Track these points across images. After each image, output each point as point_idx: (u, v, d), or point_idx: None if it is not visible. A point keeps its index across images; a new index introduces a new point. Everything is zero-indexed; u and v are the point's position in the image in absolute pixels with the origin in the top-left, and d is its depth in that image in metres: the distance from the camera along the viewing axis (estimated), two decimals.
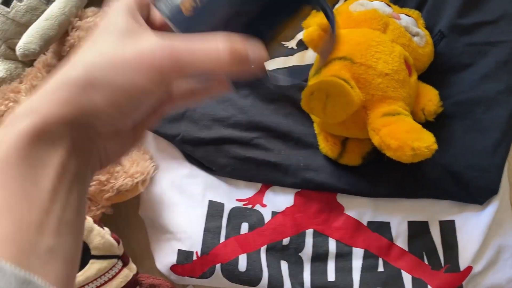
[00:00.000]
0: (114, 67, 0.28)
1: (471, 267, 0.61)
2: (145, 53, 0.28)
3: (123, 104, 0.28)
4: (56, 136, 0.27)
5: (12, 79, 0.66)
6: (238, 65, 0.29)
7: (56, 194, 0.26)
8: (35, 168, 0.26)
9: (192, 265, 0.63)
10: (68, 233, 0.27)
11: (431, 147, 0.53)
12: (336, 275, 0.63)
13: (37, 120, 0.26)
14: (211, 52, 0.28)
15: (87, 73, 0.27)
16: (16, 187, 0.25)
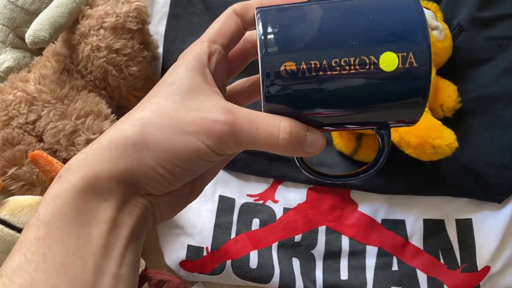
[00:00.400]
0: (171, 129, 0.28)
1: (489, 266, 0.59)
2: (207, 120, 0.28)
3: (174, 166, 0.28)
4: (107, 192, 0.28)
5: (20, 68, 0.65)
6: (293, 152, 0.30)
7: (109, 250, 0.27)
8: (89, 224, 0.27)
9: (202, 261, 0.62)
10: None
11: (452, 145, 0.51)
12: (349, 273, 0.62)
13: (89, 174, 0.27)
14: (271, 136, 0.29)
15: (143, 131, 0.28)
16: (71, 245, 0.26)
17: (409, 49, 0.28)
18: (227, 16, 0.33)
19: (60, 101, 0.59)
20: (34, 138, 0.60)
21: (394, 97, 0.29)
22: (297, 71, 0.28)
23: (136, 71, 0.62)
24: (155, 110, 0.28)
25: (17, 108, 0.60)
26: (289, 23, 0.29)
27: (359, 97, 0.29)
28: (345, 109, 0.30)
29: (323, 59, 0.28)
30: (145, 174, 0.28)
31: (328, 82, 0.28)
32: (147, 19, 0.63)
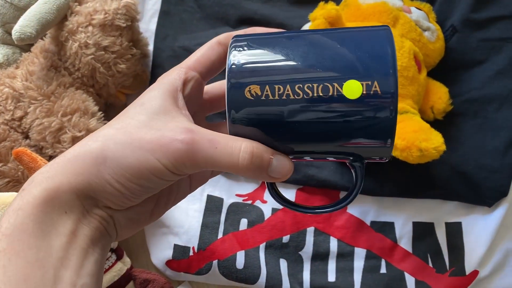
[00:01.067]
0: (130, 145, 0.28)
1: (477, 271, 0.59)
2: (165, 138, 0.28)
3: (131, 183, 0.29)
4: (67, 204, 0.28)
5: (9, 64, 0.65)
6: (257, 174, 0.30)
7: (68, 261, 0.28)
8: (49, 237, 0.27)
9: (188, 260, 0.62)
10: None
11: (439, 148, 0.51)
12: (337, 275, 0.61)
13: (50, 187, 0.28)
14: (231, 156, 0.29)
15: (103, 147, 0.29)
16: (32, 257, 0.26)
17: (374, 78, 0.28)
18: (209, 46, 0.34)
19: (46, 98, 0.59)
20: (20, 134, 0.60)
21: (358, 128, 0.29)
22: (261, 94, 0.29)
23: (124, 68, 0.62)
24: (119, 128, 0.29)
25: (4, 104, 0.59)
26: (259, 50, 0.30)
27: (323, 125, 0.29)
28: (310, 137, 0.30)
29: (287, 84, 0.29)
30: (102, 188, 0.29)
31: (291, 106, 0.29)
32: (136, 17, 0.63)
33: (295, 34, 0.31)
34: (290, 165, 0.30)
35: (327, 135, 0.29)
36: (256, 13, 0.69)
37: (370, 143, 0.29)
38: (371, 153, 0.31)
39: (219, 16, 0.71)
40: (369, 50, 0.29)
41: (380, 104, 0.28)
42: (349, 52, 0.29)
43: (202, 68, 0.34)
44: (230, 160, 0.29)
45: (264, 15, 0.69)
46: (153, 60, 0.70)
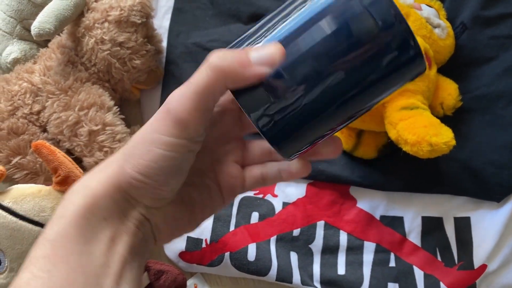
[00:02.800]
0: (142, 139, 0.30)
1: (486, 265, 0.59)
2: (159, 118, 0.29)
3: (150, 169, 0.29)
4: (105, 210, 0.29)
5: (27, 60, 0.66)
6: (239, 74, 0.28)
7: (108, 268, 0.28)
8: (89, 243, 0.28)
9: (201, 252, 0.63)
10: None
11: (449, 143, 0.51)
12: (346, 268, 0.62)
13: (88, 195, 0.29)
14: (199, 78, 0.28)
15: (123, 150, 0.30)
16: (74, 262, 0.28)
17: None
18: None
19: (64, 93, 0.60)
20: (38, 128, 0.61)
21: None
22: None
23: (139, 64, 0.63)
24: (141, 131, 0.31)
25: (22, 98, 0.61)
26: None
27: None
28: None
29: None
30: (129, 184, 0.30)
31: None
32: (151, 13, 0.64)
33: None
34: (276, 44, 0.27)
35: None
36: (269, 10, 0.70)
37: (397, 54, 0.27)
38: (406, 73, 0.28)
39: (231, 13, 0.72)
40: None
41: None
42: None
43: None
44: (205, 75, 0.28)
45: None
46: (166, 57, 0.71)
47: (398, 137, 0.53)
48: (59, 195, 0.54)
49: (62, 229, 0.28)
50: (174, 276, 0.60)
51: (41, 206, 0.52)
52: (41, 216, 0.52)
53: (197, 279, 0.65)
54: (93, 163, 0.60)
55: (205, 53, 0.67)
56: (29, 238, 0.52)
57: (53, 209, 0.52)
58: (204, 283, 0.65)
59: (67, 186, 0.53)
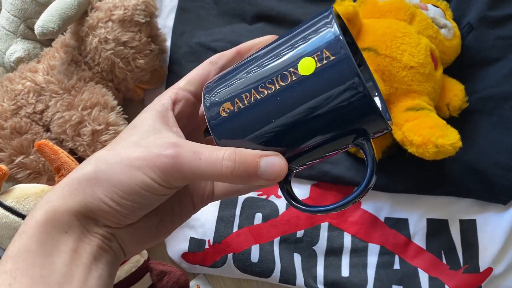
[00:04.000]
0: (119, 164, 0.30)
1: (492, 268, 0.59)
2: (151, 154, 0.30)
3: (123, 200, 0.30)
4: (66, 225, 0.30)
5: (30, 59, 0.66)
6: (246, 179, 0.30)
7: (72, 276, 0.29)
8: (51, 255, 0.29)
9: (204, 253, 0.63)
10: None
11: (456, 144, 0.51)
12: (350, 270, 0.62)
13: (49, 210, 0.30)
14: (214, 165, 0.30)
15: (95, 169, 0.30)
16: (35, 274, 0.28)
17: (320, 47, 0.28)
18: (201, 66, 0.36)
19: (67, 92, 0.60)
20: (42, 127, 0.61)
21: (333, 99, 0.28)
22: (233, 108, 0.31)
23: (143, 63, 0.63)
24: (110, 149, 0.31)
25: (26, 97, 0.61)
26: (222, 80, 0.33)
27: (299, 112, 0.29)
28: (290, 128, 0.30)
29: (251, 88, 0.30)
30: (98, 207, 0.30)
31: (261, 106, 0.30)
32: (155, 12, 0.63)
33: (253, 52, 0.33)
34: (281, 163, 0.30)
35: (307, 121, 0.29)
36: (273, 10, 0.70)
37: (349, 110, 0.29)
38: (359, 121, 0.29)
39: (235, 13, 0.72)
40: (309, 28, 0.30)
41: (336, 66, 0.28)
42: (294, 39, 0.30)
43: (193, 87, 0.35)
44: (215, 169, 0.29)
45: (280, 11, 0.69)
46: (170, 56, 0.71)
47: (403, 139, 0.53)
48: None
49: (23, 245, 0.29)
50: (176, 277, 0.60)
51: None
52: None
53: (200, 280, 0.64)
54: None
55: (209, 52, 0.68)
56: None
57: None
58: (207, 284, 0.64)
59: None
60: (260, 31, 0.69)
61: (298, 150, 0.31)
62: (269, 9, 0.70)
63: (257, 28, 0.70)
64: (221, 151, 0.30)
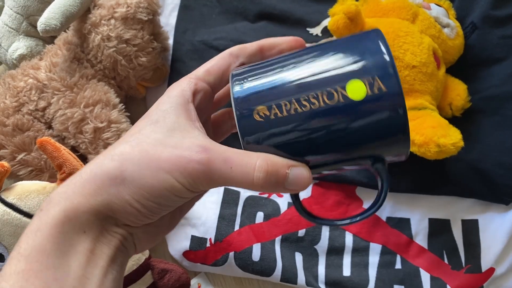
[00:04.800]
0: (147, 165, 0.28)
1: (494, 268, 0.59)
2: (182, 158, 0.28)
3: (150, 202, 0.29)
4: (85, 225, 0.29)
5: (33, 56, 0.66)
6: (273, 189, 0.29)
7: (87, 279, 0.28)
8: (67, 256, 0.28)
9: (205, 252, 0.62)
10: None
11: (458, 144, 0.51)
12: (352, 270, 0.61)
13: (69, 208, 0.28)
14: (246, 175, 0.29)
15: (121, 167, 0.29)
16: (49, 276, 0.27)
17: (373, 73, 0.28)
18: (221, 57, 0.34)
19: (69, 89, 0.60)
20: (44, 125, 0.61)
21: (371, 128, 0.28)
22: (270, 114, 0.29)
23: (145, 61, 0.63)
24: (135, 146, 0.29)
25: (28, 95, 0.61)
26: (258, 76, 0.31)
27: (335, 132, 0.29)
28: (325, 146, 0.29)
29: (292, 98, 0.29)
30: (122, 208, 0.29)
31: (301, 119, 0.29)
32: (157, 10, 0.63)
33: (291, 54, 0.32)
34: (308, 175, 0.30)
35: (342, 140, 0.29)
36: (275, 8, 0.70)
37: (385, 141, 0.29)
38: (388, 151, 0.30)
39: (238, 11, 0.72)
40: (363, 49, 0.29)
41: (386, 99, 0.28)
42: (345, 56, 0.29)
43: (211, 78, 0.33)
44: (245, 179, 0.29)
45: (283, 10, 0.69)
46: (172, 54, 0.71)
47: None
48: None
49: (38, 244, 0.27)
50: (178, 275, 0.60)
51: None
52: None
53: (201, 278, 0.64)
54: None
55: (211, 51, 0.68)
56: None
57: None
58: (208, 282, 0.64)
59: None
60: (263, 29, 0.69)
61: (321, 163, 0.31)
62: (271, 7, 0.70)
63: (259, 26, 0.70)
64: (253, 160, 0.29)
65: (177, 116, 0.30)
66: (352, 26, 0.55)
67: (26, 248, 0.27)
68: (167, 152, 0.29)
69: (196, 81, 0.33)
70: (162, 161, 0.28)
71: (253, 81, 0.31)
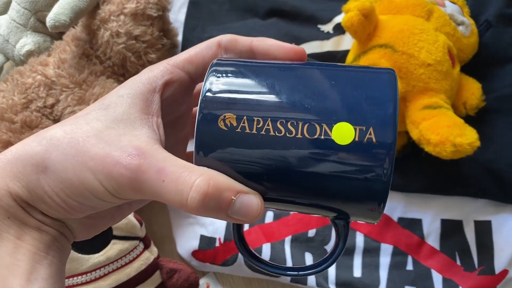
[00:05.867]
0: (72, 158, 0.25)
1: (507, 270, 0.58)
2: (110, 158, 0.25)
3: (69, 199, 0.26)
4: (9, 209, 0.26)
5: (41, 52, 0.65)
6: (210, 214, 0.25)
7: (17, 266, 0.25)
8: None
9: (214, 251, 0.62)
10: None
11: (474, 144, 0.50)
12: (363, 271, 0.61)
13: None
14: (179, 194, 0.25)
15: (45, 154, 0.26)
16: None
17: (369, 124, 0.24)
18: (207, 45, 0.30)
19: (78, 86, 0.59)
20: (52, 122, 0.60)
21: (345, 181, 0.25)
22: (237, 125, 0.25)
23: (154, 58, 0.62)
24: (68, 132, 0.26)
25: (36, 91, 0.60)
26: (241, 77, 0.27)
27: (304, 171, 0.25)
28: (288, 181, 0.26)
29: (268, 118, 0.25)
30: (40, 198, 0.26)
31: (269, 143, 0.25)
32: (167, 6, 0.63)
33: (286, 65, 0.28)
34: (258, 206, 0.25)
35: (308, 183, 0.25)
36: (286, 5, 0.69)
37: (357, 202, 0.25)
38: (357, 214, 0.27)
39: (248, 8, 0.71)
40: (367, 92, 0.25)
41: (373, 156, 0.24)
42: (344, 92, 0.25)
43: (193, 68, 0.29)
44: (177, 198, 0.24)
45: (294, 6, 0.68)
46: (181, 51, 0.70)
47: (420, 137, 0.52)
48: None
49: None
50: (186, 275, 0.60)
51: None
52: None
53: (210, 278, 0.64)
54: None
55: None
56: None
57: None
58: (217, 282, 0.64)
59: None
60: (273, 26, 0.68)
61: (277, 198, 0.27)
62: (282, 3, 0.69)
63: (270, 23, 0.69)
64: (192, 177, 0.24)
65: (130, 105, 0.27)
66: (366, 23, 0.54)
67: None
68: (98, 147, 0.25)
69: (173, 69, 0.29)
70: (88, 157, 0.25)
71: (232, 80, 0.26)
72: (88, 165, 0.25)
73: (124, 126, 0.26)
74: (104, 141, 0.25)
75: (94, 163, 0.25)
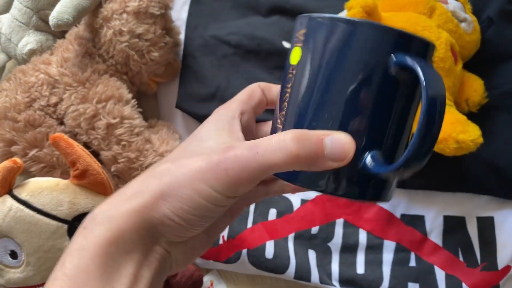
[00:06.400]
0: (184, 177, 0.28)
1: (510, 266, 0.58)
2: (211, 163, 0.28)
3: (189, 214, 0.29)
4: (130, 245, 0.28)
5: (43, 51, 0.66)
6: (310, 161, 0.27)
7: None
8: (111, 279, 0.27)
9: (218, 249, 0.62)
10: None
11: (477, 140, 0.50)
12: (366, 267, 0.61)
13: (113, 227, 0.28)
14: (275, 153, 0.27)
15: (159, 183, 0.29)
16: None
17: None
18: (253, 87, 0.35)
19: (81, 85, 0.59)
20: (55, 120, 0.60)
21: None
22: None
23: (157, 56, 0.62)
24: (174, 161, 0.30)
25: (39, 90, 0.60)
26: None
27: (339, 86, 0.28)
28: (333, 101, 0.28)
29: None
30: (161, 222, 0.29)
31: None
32: (169, 4, 0.63)
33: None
34: (348, 139, 0.27)
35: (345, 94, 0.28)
36: (288, 3, 0.69)
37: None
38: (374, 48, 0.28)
39: (250, 6, 0.71)
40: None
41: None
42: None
43: (253, 102, 0.34)
44: (276, 158, 0.27)
45: (296, 4, 0.68)
46: (184, 49, 0.70)
47: None
48: (76, 189, 0.53)
49: (83, 264, 0.27)
50: (190, 273, 0.60)
51: (58, 200, 0.52)
52: (58, 210, 0.51)
53: (213, 275, 0.64)
54: (110, 156, 0.59)
55: (223, 46, 0.67)
56: (46, 232, 0.51)
57: (70, 203, 0.52)
58: (220, 279, 0.64)
59: (85, 180, 0.52)
60: (276, 24, 0.68)
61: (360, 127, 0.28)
62: (284, 1, 0.69)
63: (272, 21, 0.69)
64: (277, 136, 0.27)
65: (216, 128, 0.31)
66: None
67: (70, 268, 0.27)
68: (199, 160, 0.28)
69: (242, 103, 0.34)
70: (196, 171, 0.28)
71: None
72: (198, 177, 0.28)
73: (213, 139, 0.30)
74: (202, 153, 0.29)
75: (201, 173, 0.28)
